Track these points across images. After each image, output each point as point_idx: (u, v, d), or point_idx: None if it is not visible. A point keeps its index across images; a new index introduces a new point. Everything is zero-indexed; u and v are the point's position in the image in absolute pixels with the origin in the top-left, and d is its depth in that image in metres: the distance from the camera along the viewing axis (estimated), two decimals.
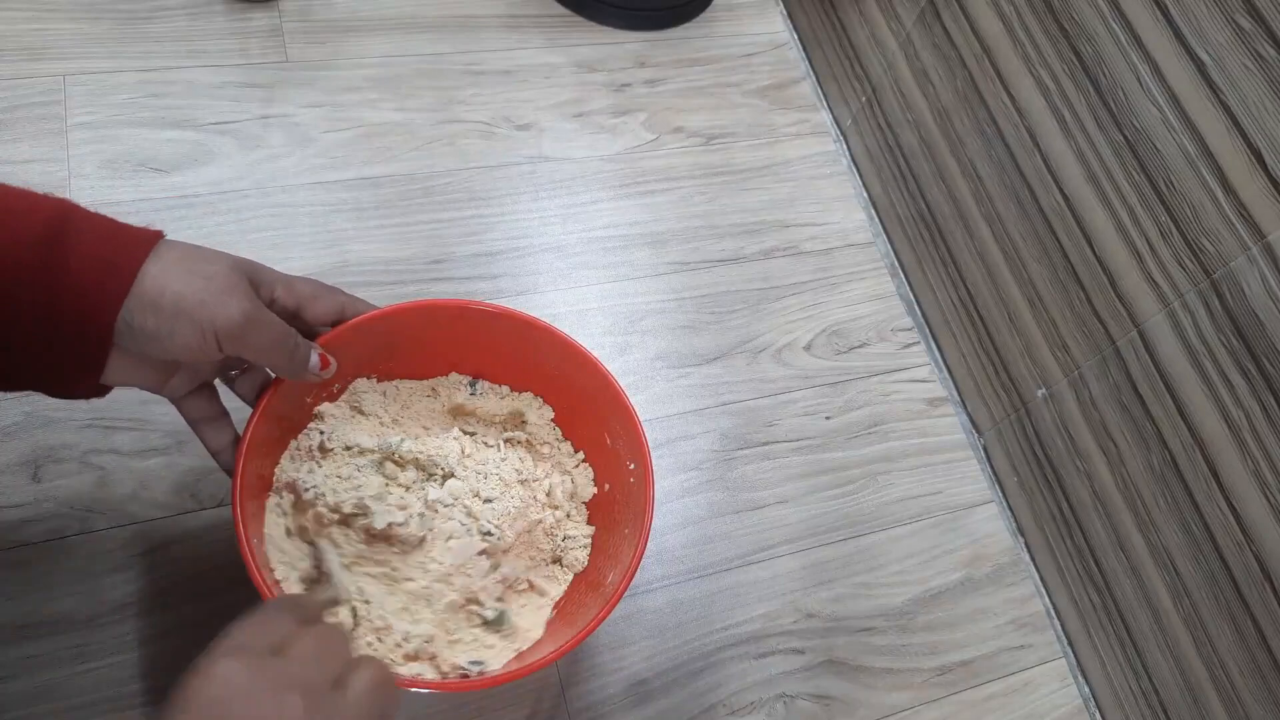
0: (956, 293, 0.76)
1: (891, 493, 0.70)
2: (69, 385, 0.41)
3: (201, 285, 0.40)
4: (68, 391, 0.42)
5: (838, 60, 0.87)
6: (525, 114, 0.79)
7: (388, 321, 0.51)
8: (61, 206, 0.38)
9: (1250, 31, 0.50)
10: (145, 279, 0.38)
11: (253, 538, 0.46)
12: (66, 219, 0.38)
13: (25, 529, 0.55)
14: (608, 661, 0.60)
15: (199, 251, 0.41)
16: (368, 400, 0.55)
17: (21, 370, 0.39)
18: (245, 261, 0.43)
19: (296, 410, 0.52)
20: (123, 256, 0.38)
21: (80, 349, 0.39)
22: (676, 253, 0.76)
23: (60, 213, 0.38)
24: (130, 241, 0.39)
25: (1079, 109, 0.61)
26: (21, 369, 0.39)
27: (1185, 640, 0.60)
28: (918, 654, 0.65)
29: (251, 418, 0.48)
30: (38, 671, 0.52)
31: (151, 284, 0.38)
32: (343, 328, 0.50)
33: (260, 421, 0.48)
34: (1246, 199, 0.52)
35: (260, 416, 0.48)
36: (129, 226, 0.40)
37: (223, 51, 0.74)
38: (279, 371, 0.47)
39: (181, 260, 0.40)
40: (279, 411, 0.50)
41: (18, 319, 0.37)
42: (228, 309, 0.40)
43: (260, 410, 0.48)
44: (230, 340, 0.41)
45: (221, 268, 0.41)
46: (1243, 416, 0.54)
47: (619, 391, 0.53)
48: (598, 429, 0.56)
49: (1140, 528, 0.62)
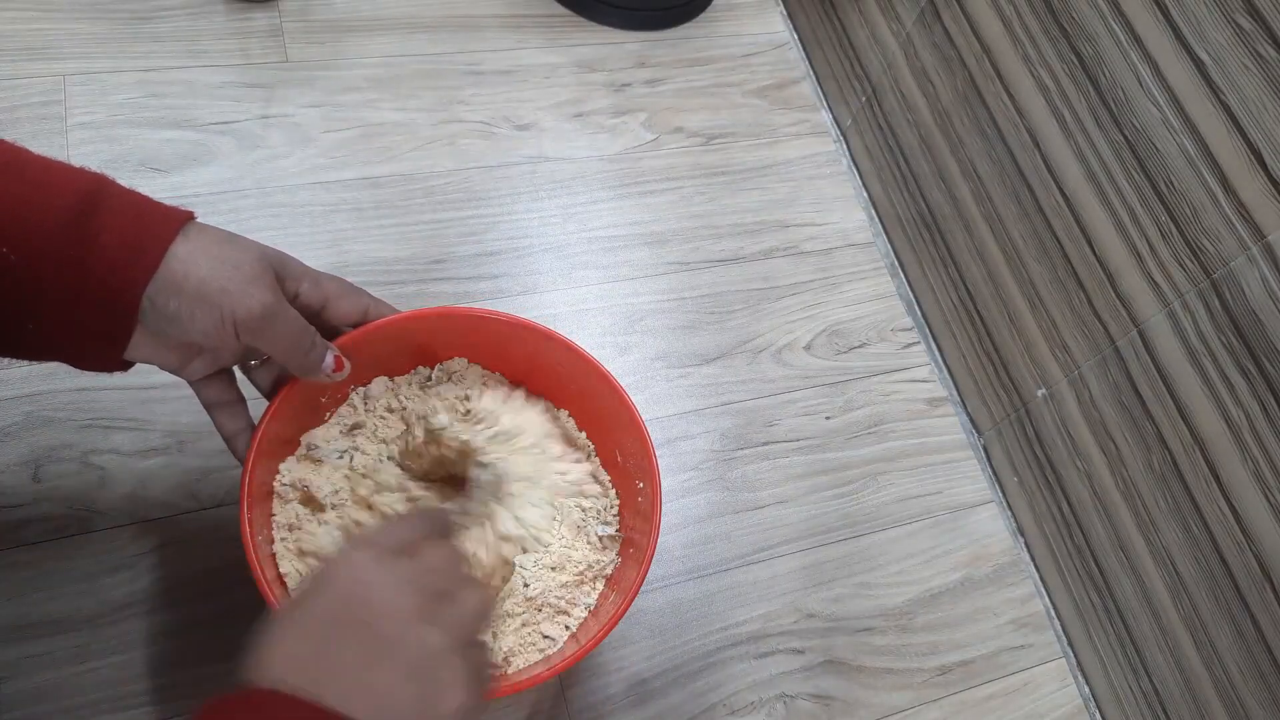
0: (956, 293, 0.76)
1: (891, 493, 0.70)
2: (93, 359, 0.41)
3: (226, 273, 0.40)
4: (91, 365, 0.42)
5: (838, 60, 0.87)
6: (525, 114, 0.79)
7: (406, 326, 0.52)
8: (96, 181, 0.39)
9: (1250, 31, 0.50)
10: (172, 261, 0.39)
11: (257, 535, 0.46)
12: (100, 193, 0.38)
13: (25, 529, 0.55)
14: (608, 661, 0.60)
15: (229, 238, 0.41)
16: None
17: (48, 341, 0.40)
18: (275, 253, 0.43)
19: (310, 412, 0.53)
20: (150, 237, 0.38)
21: (105, 325, 0.39)
22: (676, 253, 0.76)
23: (94, 187, 0.38)
24: (160, 221, 0.39)
25: (1079, 109, 0.61)
26: (48, 340, 0.40)
27: (1185, 640, 0.60)
28: (918, 654, 0.65)
29: (264, 415, 0.48)
30: (38, 671, 0.52)
31: (178, 266, 0.39)
32: (361, 331, 0.50)
33: (272, 421, 0.48)
34: (1246, 199, 0.52)
35: (272, 417, 0.48)
36: (160, 206, 0.40)
37: (223, 51, 0.74)
38: (293, 368, 0.46)
39: (210, 246, 0.40)
40: (292, 412, 0.50)
41: (47, 291, 0.37)
42: (249, 299, 0.40)
43: (272, 410, 0.48)
44: (248, 331, 0.41)
45: (249, 257, 0.41)
46: (1243, 416, 0.54)
47: (633, 410, 0.53)
48: (610, 446, 0.56)
49: (1140, 528, 0.62)
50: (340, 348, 0.48)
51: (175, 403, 0.60)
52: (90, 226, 0.37)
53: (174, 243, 0.39)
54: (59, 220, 0.37)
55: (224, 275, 0.40)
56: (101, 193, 0.38)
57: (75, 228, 0.37)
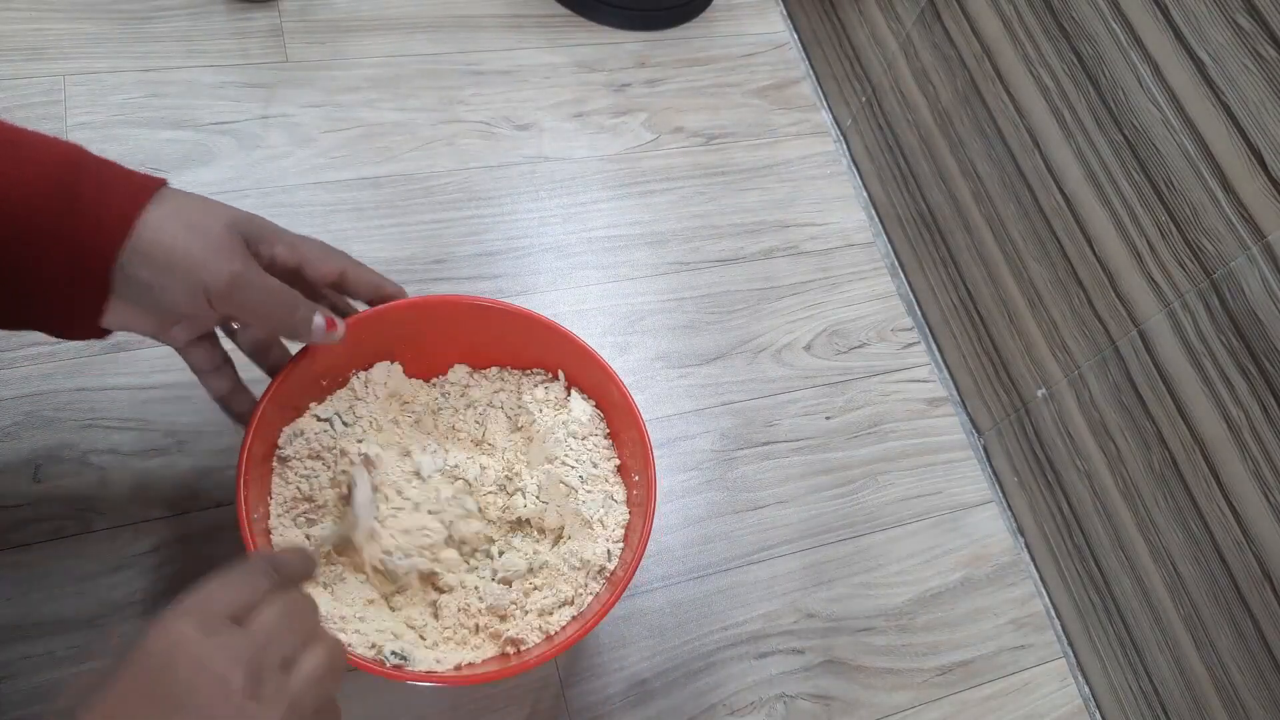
0: (956, 293, 0.76)
1: (891, 493, 0.70)
2: (70, 328, 0.41)
3: (195, 242, 0.39)
4: (68, 332, 0.42)
5: (838, 60, 0.87)
6: (525, 114, 0.79)
7: (414, 312, 0.52)
8: (72, 153, 0.38)
9: (1250, 31, 0.50)
10: (144, 230, 0.38)
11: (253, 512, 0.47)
12: (78, 165, 0.38)
13: (25, 529, 0.55)
14: (608, 661, 0.60)
15: (200, 205, 0.41)
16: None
17: (24, 310, 0.40)
18: (245, 218, 0.43)
19: (309, 390, 0.53)
20: (122, 207, 0.38)
21: (79, 295, 0.39)
22: (676, 253, 0.76)
23: (70, 158, 0.38)
24: (133, 190, 0.39)
25: (1079, 109, 0.61)
26: (24, 309, 0.40)
27: (1185, 640, 0.60)
28: (918, 654, 0.65)
29: (264, 395, 0.48)
30: (37, 671, 0.52)
31: (149, 235, 0.38)
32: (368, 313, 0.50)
33: (269, 405, 0.48)
34: (1246, 199, 0.52)
35: (269, 401, 0.48)
36: (133, 175, 0.40)
37: (223, 51, 0.74)
38: (280, 333, 0.46)
39: (179, 213, 0.40)
40: (289, 396, 0.50)
41: (20, 260, 0.37)
42: (217, 268, 0.40)
43: (269, 394, 0.48)
44: (220, 300, 0.41)
45: (218, 224, 0.41)
46: (1242, 416, 0.54)
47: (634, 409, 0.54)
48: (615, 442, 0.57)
49: (1140, 528, 0.62)
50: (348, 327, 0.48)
51: (175, 403, 0.60)
52: (64, 197, 0.37)
53: (145, 212, 0.38)
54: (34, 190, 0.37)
55: (193, 244, 0.39)
56: (79, 165, 0.38)
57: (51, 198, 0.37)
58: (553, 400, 0.58)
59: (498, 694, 0.57)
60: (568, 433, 0.56)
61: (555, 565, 0.53)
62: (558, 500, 0.55)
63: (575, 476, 0.55)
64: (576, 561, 0.52)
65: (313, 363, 0.50)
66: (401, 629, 0.50)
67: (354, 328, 0.49)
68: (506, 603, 0.51)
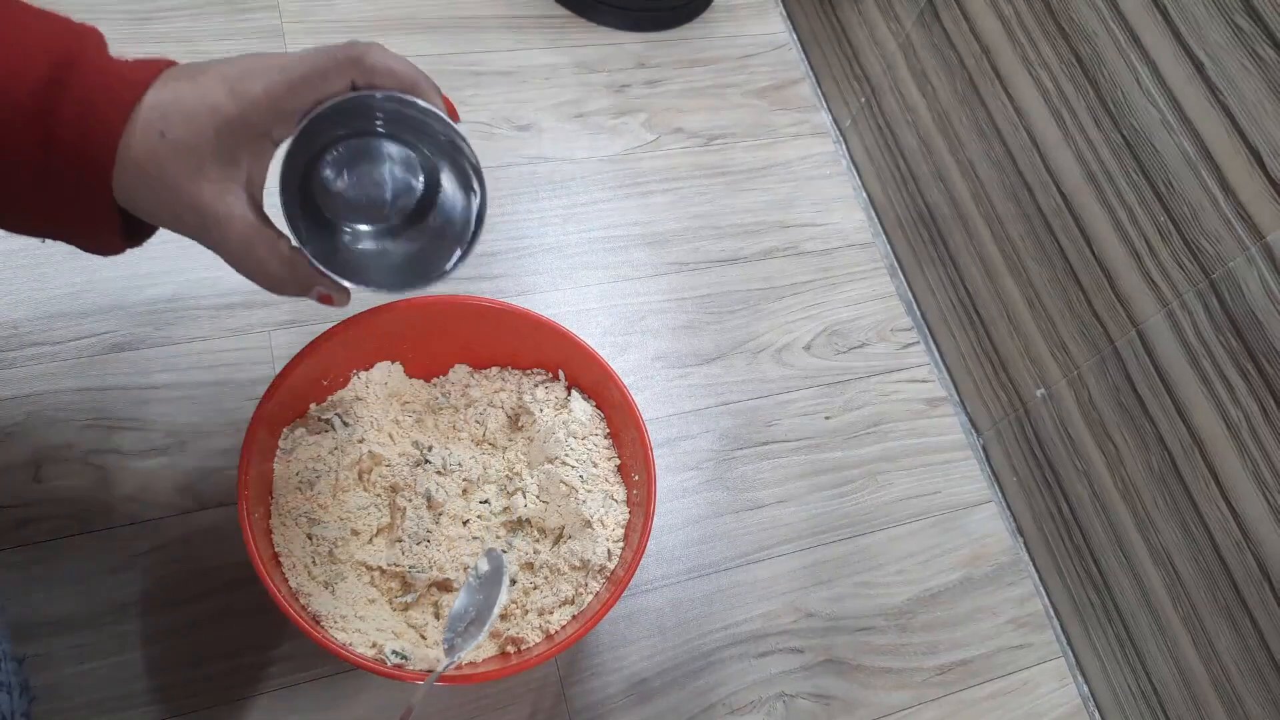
0: (956, 293, 0.76)
1: (891, 493, 0.70)
2: (93, 243, 0.40)
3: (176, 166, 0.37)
4: (97, 249, 0.40)
5: (837, 61, 0.87)
6: (526, 114, 0.79)
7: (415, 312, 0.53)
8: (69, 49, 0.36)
9: (1249, 32, 0.51)
10: (129, 150, 0.36)
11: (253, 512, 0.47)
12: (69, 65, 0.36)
13: (25, 529, 0.55)
14: (608, 661, 0.60)
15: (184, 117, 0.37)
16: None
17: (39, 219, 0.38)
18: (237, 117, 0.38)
19: (309, 390, 0.53)
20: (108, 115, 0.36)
21: (88, 214, 0.38)
22: (676, 253, 0.76)
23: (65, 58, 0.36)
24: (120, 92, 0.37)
25: (1078, 109, 0.62)
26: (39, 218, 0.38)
27: (1184, 640, 0.60)
28: (917, 653, 0.65)
29: (264, 396, 0.48)
30: (38, 671, 0.52)
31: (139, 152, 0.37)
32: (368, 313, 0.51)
33: (270, 405, 0.48)
34: (1245, 199, 0.52)
35: (270, 401, 0.48)
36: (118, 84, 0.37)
37: (223, 52, 0.74)
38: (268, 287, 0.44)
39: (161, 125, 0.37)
40: (289, 396, 0.51)
41: (19, 166, 0.36)
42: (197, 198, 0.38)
43: (270, 395, 0.48)
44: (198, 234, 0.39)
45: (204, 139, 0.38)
46: (1242, 416, 0.54)
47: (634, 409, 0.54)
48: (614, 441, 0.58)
49: (1139, 527, 0.62)
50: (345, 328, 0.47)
51: (175, 403, 0.60)
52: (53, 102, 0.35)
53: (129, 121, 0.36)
54: (27, 90, 0.35)
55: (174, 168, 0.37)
56: (71, 65, 0.36)
57: (41, 98, 0.35)
58: (553, 400, 0.58)
59: (498, 693, 0.57)
60: (568, 433, 0.56)
61: (555, 565, 0.53)
62: (558, 500, 0.55)
63: (575, 476, 0.55)
64: (577, 561, 0.52)
65: (313, 363, 0.50)
66: (402, 628, 0.50)
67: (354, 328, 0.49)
68: (507, 601, 0.51)
